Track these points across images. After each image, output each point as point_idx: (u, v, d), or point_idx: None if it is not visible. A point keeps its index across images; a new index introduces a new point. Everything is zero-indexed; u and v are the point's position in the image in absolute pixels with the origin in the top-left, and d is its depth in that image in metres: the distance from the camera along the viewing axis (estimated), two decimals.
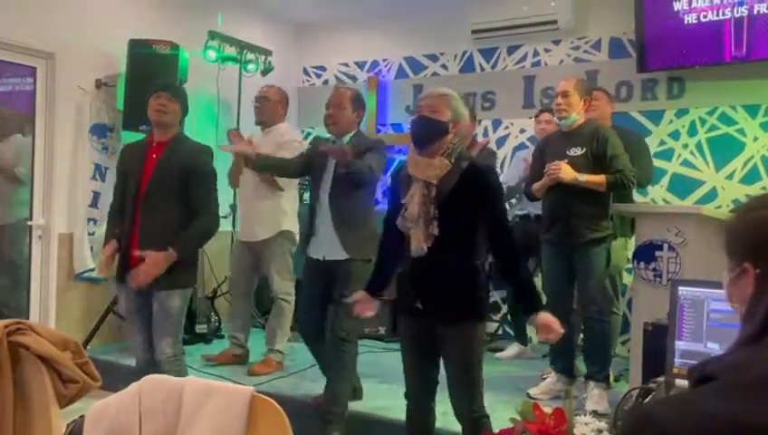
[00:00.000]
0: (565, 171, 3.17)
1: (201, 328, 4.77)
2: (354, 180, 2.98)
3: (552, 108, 4.52)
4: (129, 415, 1.37)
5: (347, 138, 3.13)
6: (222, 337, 4.94)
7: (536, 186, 3.35)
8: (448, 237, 2.23)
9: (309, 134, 6.20)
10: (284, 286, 4.05)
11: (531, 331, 4.71)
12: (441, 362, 2.38)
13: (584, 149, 3.24)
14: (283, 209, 4.05)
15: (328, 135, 3.27)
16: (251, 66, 5.39)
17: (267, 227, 4.00)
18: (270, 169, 3.57)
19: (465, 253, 2.27)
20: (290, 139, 4.02)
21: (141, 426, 1.36)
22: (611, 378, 3.43)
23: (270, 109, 4.13)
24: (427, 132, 2.29)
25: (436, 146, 2.28)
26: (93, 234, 4.53)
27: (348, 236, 3.01)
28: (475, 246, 2.28)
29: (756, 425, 0.72)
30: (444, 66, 5.68)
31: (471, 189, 2.25)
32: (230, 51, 5.23)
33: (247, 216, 4.09)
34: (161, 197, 2.83)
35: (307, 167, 3.28)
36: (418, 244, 2.25)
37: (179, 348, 2.93)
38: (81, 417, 1.65)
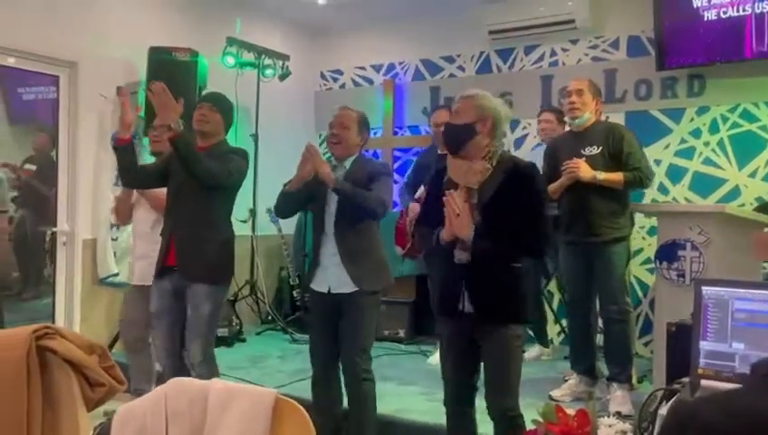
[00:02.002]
0: (584, 169, 3.15)
1: (222, 332, 4.81)
2: (367, 215, 2.79)
3: (552, 107, 4.53)
4: (156, 418, 1.39)
5: (349, 161, 2.91)
6: (244, 340, 4.98)
7: (553, 186, 3.32)
8: (492, 241, 2.21)
9: (326, 138, 6.23)
10: None
11: (551, 332, 4.70)
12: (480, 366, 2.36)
13: (600, 148, 3.22)
14: None
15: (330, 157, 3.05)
16: (269, 71, 5.44)
17: None
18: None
19: (508, 255, 2.25)
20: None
21: (168, 428, 1.38)
22: (634, 379, 3.40)
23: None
24: (455, 137, 2.30)
25: (470, 148, 2.27)
26: (116, 239, 4.60)
27: (355, 267, 2.78)
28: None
29: None
30: (460, 68, 5.67)
31: (514, 190, 2.24)
32: (248, 56, 5.28)
33: (143, 256, 3.46)
34: (192, 193, 2.91)
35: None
36: (463, 250, 2.25)
37: (210, 351, 2.97)
38: (108, 419, 1.67)
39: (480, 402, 2.36)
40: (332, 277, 2.82)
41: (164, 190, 3.14)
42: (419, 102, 5.82)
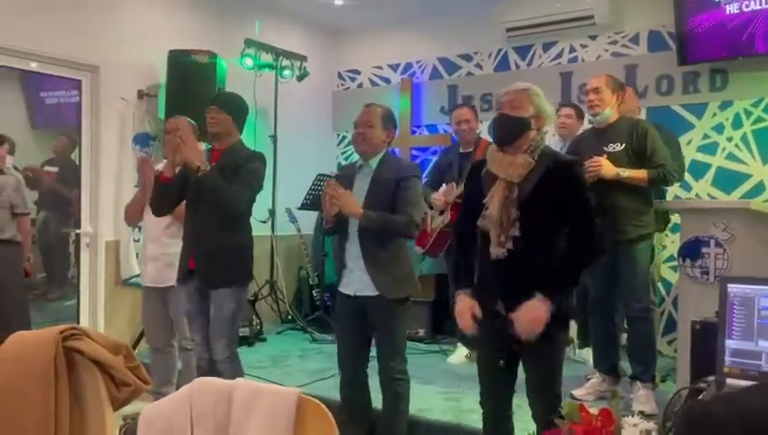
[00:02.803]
0: (606, 167, 3.12)
1: (243, 331, 4.84)
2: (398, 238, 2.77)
3: (571, 103, 4.49)
4: (182, 417, 1.41)
5: (376, 159, 2.84)
6: (264, 340, 5.02)
7: None
8: (531, 238, 2.16)
9: (344, 138, 6.26)
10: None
11: (572, 330, 4.66)
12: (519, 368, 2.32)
13: (623, 145, 3.18)
14: None
15: (356, 159, 3.00)
16: (287, 72, 5.47)
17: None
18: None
19: (547, 253, 2.18)
20: None
21: (193, 428, 1.39)
22: (657, 378, 3.36)
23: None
24: (510, 130, 2.24)
25: (519, 143, 2.22)
26: (139, 240, 4.65)
27: (378, 273, 2.74)
28: (558, 245, 2.20)
29: None
30: (478, 66, 5.65)
31: (555, 185, 2.18)
32: (266, 58, 5.31)
33: (156, 258, 3.52)
34: (208, 203, 2.94)
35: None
36: (499, 246, 2.19)
37: (234, 349, 3.04)
38: (134, 419, 1.70)
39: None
40: (357, 280, 2.79)
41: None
42: (437, 101, 5.81)
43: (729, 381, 1.74)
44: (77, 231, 4.58)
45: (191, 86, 4.45)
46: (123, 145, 4.65)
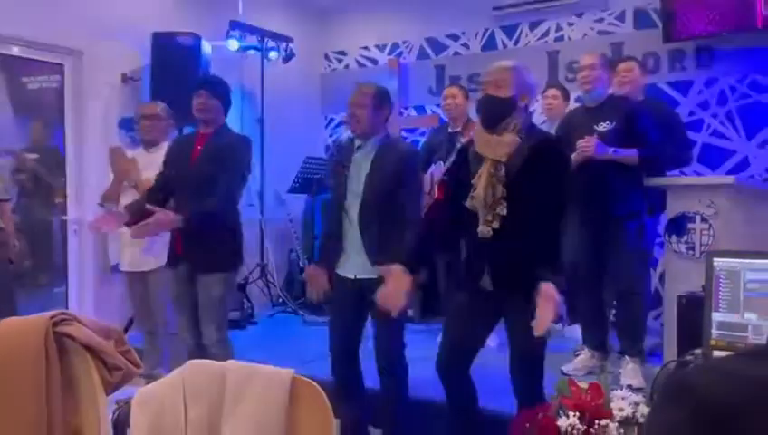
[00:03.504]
0: (597, 149, 3.12)
1: (234, 315, 4.85)
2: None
3: (557, 84, 4.48)
4: (175, 400, 1.42)
5: (374, 140, 2.74)
6: (255, 323, 5.02)
7: None
8: (517, 216, 2.19)
9: (332, 120, 6.22)
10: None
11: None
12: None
13: (614, 123, 3.18)
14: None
15: (350, 138, 2.93)
16: (272, 54, 5.41)
17: (158, 254, 3.41)
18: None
19: (534, 232, 2.19)
20: None
21: (187, 410, 1.40)
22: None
23: (161, 127, 3.72)
24: (495, 111, 2.24)
25: (505, 123, 2.22)
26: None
27: (378, 252, 2.67)
28: (544, 224, 2.21)
29: None
30: (465, 45, 5.63)
31: (540, 163, 2.19)
32: (251, 40, 5.25)
33: (133, 243, 3.46)
34: (197, 183, 2.97)
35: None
36: (485, 225, 2.21)
37: (225, 333, 3.06)
38: (127, 403, 1.70)
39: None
40: (357, 263, 2.74)
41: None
42: (425, 82, 5.79)
43: (716, 353, 1.77)
44: (63, 217, 4.54)
45: (176, 69, 4.40)
46: (108, 130, 4.60)
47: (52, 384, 1.69)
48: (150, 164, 3.47)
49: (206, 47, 4.62)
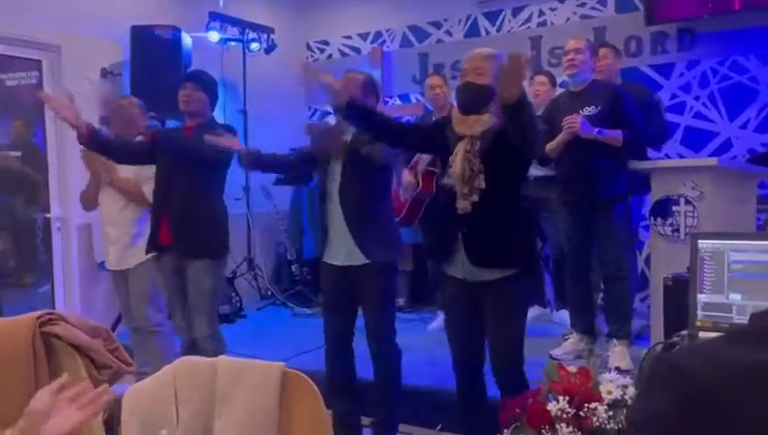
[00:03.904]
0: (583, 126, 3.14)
1: (223, 308, 4.83)
2: (374, 162, 2.65)
3: (544, 70, 4.49)
4: (166, 397, 1.41)
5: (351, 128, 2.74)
6: (245, 317, 5.01)
7: (551, 145, 3.28)
8: (496, 190, 2.23)
9: (316, 111, 6.19)
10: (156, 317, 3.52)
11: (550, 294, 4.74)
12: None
13: (598, 108, 3.20)
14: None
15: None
16: (254, 45, 5.36)
17: (140, 252, 3.37)
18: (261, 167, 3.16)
19: (511, 202, 2.28)
20: None
21: (178, 407, 1.40)
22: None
23: (133, 120, 3.61)
24: (475, 98, 2.27)
25: (484, 111, 2.27)
26: None
27: (364, 238, 2.67)
28: (520, 194, 2.33)
29: None
30: (448, 32, 5.61)
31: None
32: (232, 31, 5.20)
33: (116, 240, 3.49)
34: (183, 172, 2.96)
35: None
36: (464, 199, 2.24)
37: (216, 326, 3.05)
38: (118, 401, 1.69)
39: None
40: (343, 250, 2.73)
41: (131, 180, 3.34)
42: (408, 70, 5.77)
43: (702, 334, 1.79)
44: (46, 215, 4.49)
45: (156, 62, 4.35)
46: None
47: (41, 385, 1.68)
48: None
49: (187, 39, 4.56)
